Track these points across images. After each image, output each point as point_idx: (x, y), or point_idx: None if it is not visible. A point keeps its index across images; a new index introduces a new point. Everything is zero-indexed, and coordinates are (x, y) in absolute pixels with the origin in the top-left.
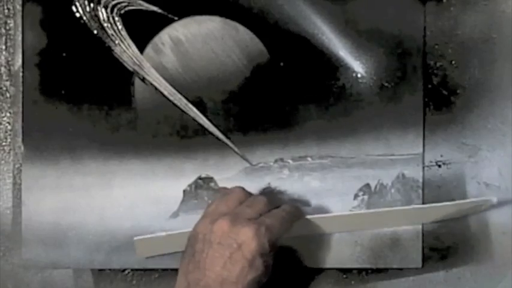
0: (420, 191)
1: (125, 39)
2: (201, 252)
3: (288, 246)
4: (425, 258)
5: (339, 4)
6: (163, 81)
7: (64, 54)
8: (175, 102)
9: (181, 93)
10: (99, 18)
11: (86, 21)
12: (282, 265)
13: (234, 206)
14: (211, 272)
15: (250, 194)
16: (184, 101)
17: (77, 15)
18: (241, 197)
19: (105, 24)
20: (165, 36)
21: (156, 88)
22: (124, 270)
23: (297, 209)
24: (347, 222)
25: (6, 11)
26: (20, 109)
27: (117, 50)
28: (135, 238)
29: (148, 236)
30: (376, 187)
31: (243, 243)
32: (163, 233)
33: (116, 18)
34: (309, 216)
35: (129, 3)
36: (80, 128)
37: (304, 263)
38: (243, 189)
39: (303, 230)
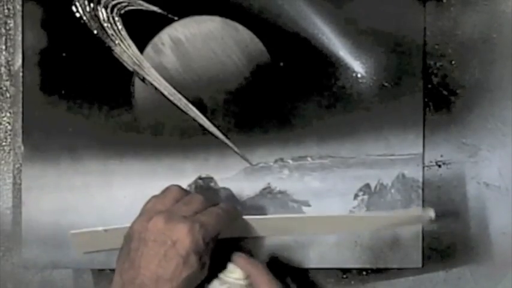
0: (420, 191)
1: (124, 39)
2: (136, 251)
3: (288, 246)
4: (425, 258)
5: (339, 4)
6: (163, 81)
7: (64, 54)
8: (175, 102)
9: (181, 93)
10: (99, 18)
11: (86, 21)
12: (282, 265)
13: (170, 204)
14: (146, 270)
15: (187, 192)
16: (184, 101)
17: (77, 15)
18: (178, 195)
19: (105, 24)
20: (165, 36)
21: (156, 88)
22: None
23: (233, 208)
24: (281, 226)
25: (6, 11)
26: (20, 109)
27: (117, 50)
28: (70, 232)
29: (86, 230)
30: (376, 187)
31: (177, 240)
32: (101, 228)
33: (116, 18)
34: (246, 217)
35: (129, 3)
36: (80, 128)
37: (304, 263)
38: (180, 187)
39: (242, 231)
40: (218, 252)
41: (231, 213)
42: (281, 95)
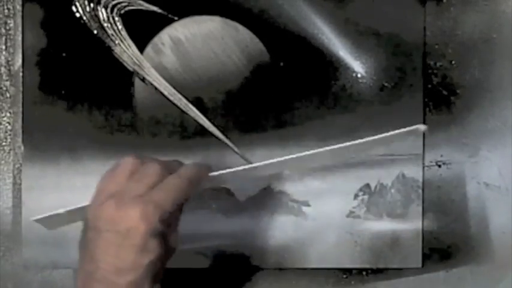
0: (420, 191)
1: (124, 39)
2: (92, 241)
3: (288, 246)
4: (425, 258)
5: (339, 4)
6: (163, 81)
7: (64, 54)
8: (175, 102)
9: (181, 93)
10: (99, 18)
11: (86, 21)
12: (281, 265)
13: (123, 181)
14: (104, 263)
15: (142, 162)
16: (184, 101)
17: (77, 15)
18: (132, 168)
19: (105, 24)
20: (165, 36)
21: (156, 88)
22: None
23: (195, 170)
24: (256, 170)
25: (6, 11)
26: (20, 109)
27: (117, 50)
28: (31, 219)
29: (48, 214)
30: (376, 187)
31: (130, 228)
32: (62, 210)
33: (116, 18)
34: (213, 174)
35: (129, 3)
36: (80, 128)
37: (304, 263)
38: (134, 157)
39: (212, 183)
40: None
41: (192, 178)
42: (281, 95)
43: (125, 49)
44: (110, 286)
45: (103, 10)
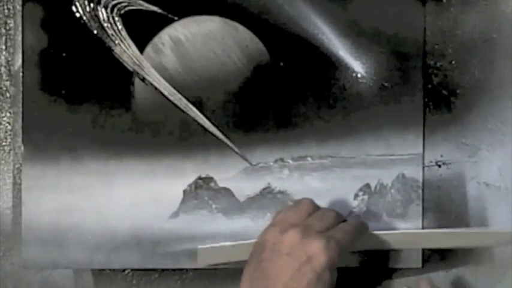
0: (420, 191)
1: (124, 39)
2: (268, 261)
3: None
4: (425, 258)
5: (339, 4)
6: (163, 81)
7: (64, 54)
8: (175, 102)
9: (181, 93)
10: (99, 18)
11: (86, 21)
12: None
13: (303, 217)
14: (278, 282)
15: (318, 207)
16: (184, 101)
17: (77, 15)
18: (310, 209)
19: (105, 24)
20: (165, 36)
21: (156, 88)
22: (124, 270)
23: (362, 223)
24: (410, 239)
25: (6, 11)
26: (20, 109)
27: (117, 50)
28: (199, 247)
29: (213, 245)
30: (376, 187)
31: (313, 255)
32: (228, 243)
33: (116, 18)
34: (374, 232)
35: (129, 3)
36: (80, 128)
37: None
38: (312, 201)
39: (367, 244)
40: None
41: (360, 229)
42: (281, 95)
43: (125, 49)
44: None
45: (103, 10)
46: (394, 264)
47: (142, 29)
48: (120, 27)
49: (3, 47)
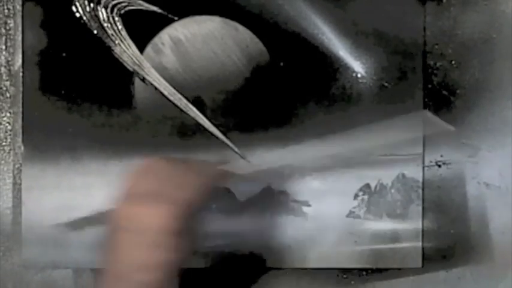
0: (420, 191)
1: (124, 39)
2: (115, 239)
3: (288, 246)
4: (425, 258)
5: (339, 4)
6: (163, 81)
7: (64, 54)
8: (175, 102)
9: (181, 93)
10: (99, 18)
11: (86, 21)
12: (281, 265)
13: (142, 182)
14: (126, 259)
15: (167, 164)
16: (184, 101)
17: (77, 15)
18: (158, 170)
19: (105, 24)
20: (165, 36)
21: (156, 88)
22: None
23: (215, 171)
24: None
25: (6, 11)
26: (20, 109)
27: (117, 50)
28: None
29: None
30: (376, 187)
31: (154, 225)
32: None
33: (116, 18)
34: (229, 170)
35: (129, 3)
36: (80, 128)
37: (304, 263)
38: (160, 160)
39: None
40: None
41: (212, 179)
42: (281, 95)
43: (125, 49)
44: (132, 285)
45: (103, 10)
46: (394, 264)
47: (142, 29)
48: (120, 27)
49: (3, 47)
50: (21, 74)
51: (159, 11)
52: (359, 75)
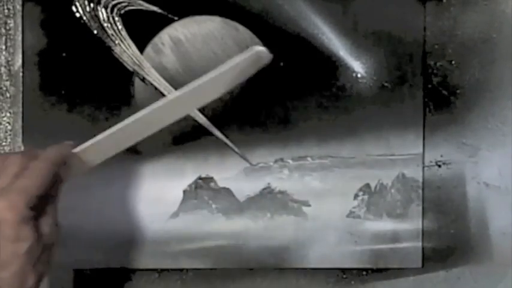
0: (420, 191)
1: (124, 39)
2: None
3: (288, 246)
4: (425, 258)
5: (339, 4)
6: (163, 81)
7: (64, 54)
8: None
9: None
10: (99, 18)
11: (86, 21)
12: (281, 265)
13: None
14: None
15: (3, 157)
16: None
17: (77, 15)
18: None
19: (105, 24)
20: (165, 36)
21: (156, 88)
22: (124, 270)
23: (55, 150)
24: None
25: (6, 11)
26: (20, 109)
27: (117, 50)
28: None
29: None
30: (376, 187)
31: (1, 220)
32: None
33: (116, 18)
34: (76, 149)
35: (129, 3)
36: (80, 128)
37: (304, 263)
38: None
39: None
40: None
41: (54, 158)
42: (281, 95)
43: (125, 49)
44: None
45: (103, 10)
46: (394, 264)
47: (142, 29)
48: (120, 27)
49: (3, 47)
50: (21, 74)
51: (159, 11)
52: (359, 75)
